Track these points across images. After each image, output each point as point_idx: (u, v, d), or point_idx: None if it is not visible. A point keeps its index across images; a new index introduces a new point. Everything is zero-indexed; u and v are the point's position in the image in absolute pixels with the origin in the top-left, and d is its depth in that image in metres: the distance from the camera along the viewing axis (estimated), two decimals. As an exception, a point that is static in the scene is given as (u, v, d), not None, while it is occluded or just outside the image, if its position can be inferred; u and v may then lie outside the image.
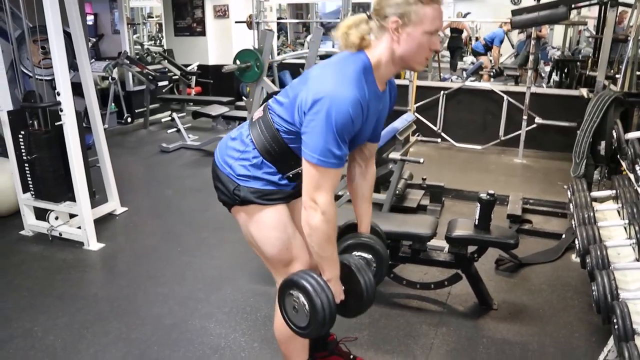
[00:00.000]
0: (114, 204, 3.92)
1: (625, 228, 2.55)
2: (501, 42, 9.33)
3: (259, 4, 6.30)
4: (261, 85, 4.75)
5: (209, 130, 6.64)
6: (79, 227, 3.43)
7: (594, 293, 1.96)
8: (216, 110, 5.85)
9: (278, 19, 9.79)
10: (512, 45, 10.74)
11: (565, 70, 6.94)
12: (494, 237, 2.58)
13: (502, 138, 5.54)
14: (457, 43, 10.29)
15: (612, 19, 3.44)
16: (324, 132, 1.43)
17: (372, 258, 1.83)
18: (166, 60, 7.26)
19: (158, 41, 9.85)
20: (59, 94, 3.10)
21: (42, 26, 3.18)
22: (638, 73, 4.23)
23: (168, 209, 4.12)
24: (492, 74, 8.03)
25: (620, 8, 6.39)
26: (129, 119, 6.88)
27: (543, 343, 2.41)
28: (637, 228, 2.24)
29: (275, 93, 1.91)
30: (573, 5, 4.51)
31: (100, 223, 3.64)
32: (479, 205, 2.58)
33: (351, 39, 1.51)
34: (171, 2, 8.19)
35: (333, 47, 9.95)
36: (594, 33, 9.25)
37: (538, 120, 5.29)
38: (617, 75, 4.74)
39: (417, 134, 4.65)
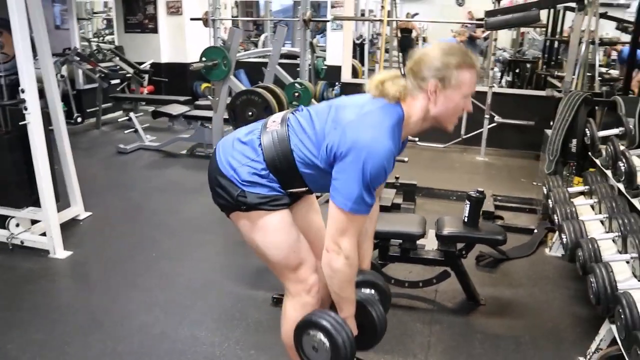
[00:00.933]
0: (77, 209, 3.70)
1: (602, 222, 2.67)
2: None
3: (215, 1, 6.15)
4: (228, 84, 4.63)
5: (166, 130, 6.42)
6: (43, 234, 3.22)
7: (592, 285, 2.03)
8: (176, 109, 5.65)
9: (233, 17, 9.60)
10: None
11: (517, 71, 7.22)
12: (483, 234, 2.63)
13: (464, 137, 5.68)
14: (408, 42, 10.48)
15: (579, 22, 3.59)
16: (358, 181, 1.45)
17: (375, 293, 1.88)
18: (118, 58, 6.95)
19: (102, 38, 9.42)
20: (23, 92, 2.88)
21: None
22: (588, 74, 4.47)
23: (136, 212, 3.94)
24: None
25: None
26: (79, 119, 6.54)
27: (533, 335, 2.48)
28: (620, 221, 2.35)
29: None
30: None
31: (64, 229, 3.39)
32: (468, 202, 2.62)
33: (392, 92, 1.53)
34: (121, -3, 7.87)
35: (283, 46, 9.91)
36: (537, 36, 9.72)
37: (498, 119, 5.46)
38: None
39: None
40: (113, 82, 6.78)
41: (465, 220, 2.64)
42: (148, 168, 5.07)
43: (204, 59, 4.50)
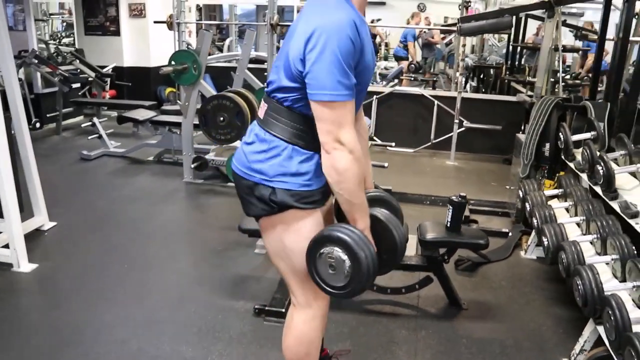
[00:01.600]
0: (41, 219, 3.51)
1: (578, 224, 2.73)
2: (414, 37, 9.77)
3: (180, 3, 6.01)
4: (198, 88, 4.52)
5: (131, 136, 6.23)
6: (5, 247, 3.04)
7: (579, 287, 2.05)
8: (142, 114, 5.48)
9: (197, 20, 9.43)
10: (421, 47, 11.26)
11: (481, 76, 7.37)
12: (466, 239, 2.63)
13: (433, 141, 5.74)
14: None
15: (549, 29, 3.67)
16: (327, 64, 1.34)
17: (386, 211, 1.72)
18: (79, 61, 6.71)
19: (59, 40, 9.10)
20: (-16, 97, 2.72)
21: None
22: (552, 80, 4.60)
23: (104, 221, 3.78)
24: (411, 78, 8.31)
25: (539, 22, 6.93)
26: (38, 124, 6.27)
27: (517, 338, 2.50)
28: (599, 224, 2.40)
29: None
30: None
31: (28, 240, 3.18)
32: (450, 207, 2.63)
33: None
34: (81, -1, 7.60)
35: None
36: (497, 42, 9.97)
37: (466, 124, 5.54)
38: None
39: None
40: (74, 86, 6.52)
41: (448, 225, 2.64)
42: (114, 175, 4.89)
43: (173, 62, 4.37)
